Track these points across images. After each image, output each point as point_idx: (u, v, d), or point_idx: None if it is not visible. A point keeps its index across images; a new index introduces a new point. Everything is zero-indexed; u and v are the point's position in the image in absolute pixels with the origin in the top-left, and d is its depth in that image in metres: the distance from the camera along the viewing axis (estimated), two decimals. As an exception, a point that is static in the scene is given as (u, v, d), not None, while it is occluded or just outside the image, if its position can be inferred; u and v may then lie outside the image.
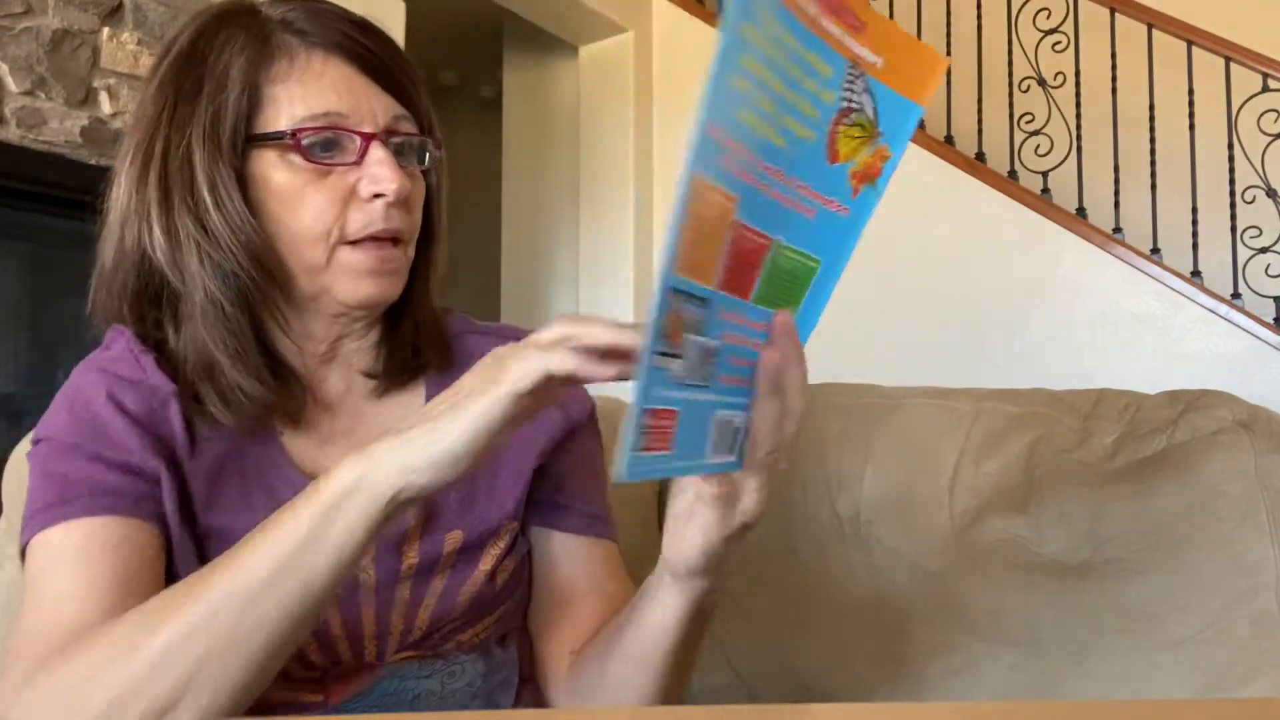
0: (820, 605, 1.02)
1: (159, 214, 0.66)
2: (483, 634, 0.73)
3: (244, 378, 0.66)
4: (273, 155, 0.65)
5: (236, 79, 0.65)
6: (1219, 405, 0.96)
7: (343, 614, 0.67)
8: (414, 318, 0.74)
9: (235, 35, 0.67)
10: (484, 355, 0.73)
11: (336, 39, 0.67)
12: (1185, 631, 0.89)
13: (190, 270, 0.65)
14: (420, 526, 0.70)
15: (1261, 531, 0.89)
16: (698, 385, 0.46)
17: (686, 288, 0.43)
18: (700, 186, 0.41)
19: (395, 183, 0.65)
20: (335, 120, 0.65)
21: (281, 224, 0.66)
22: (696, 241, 0.42)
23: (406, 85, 0.69)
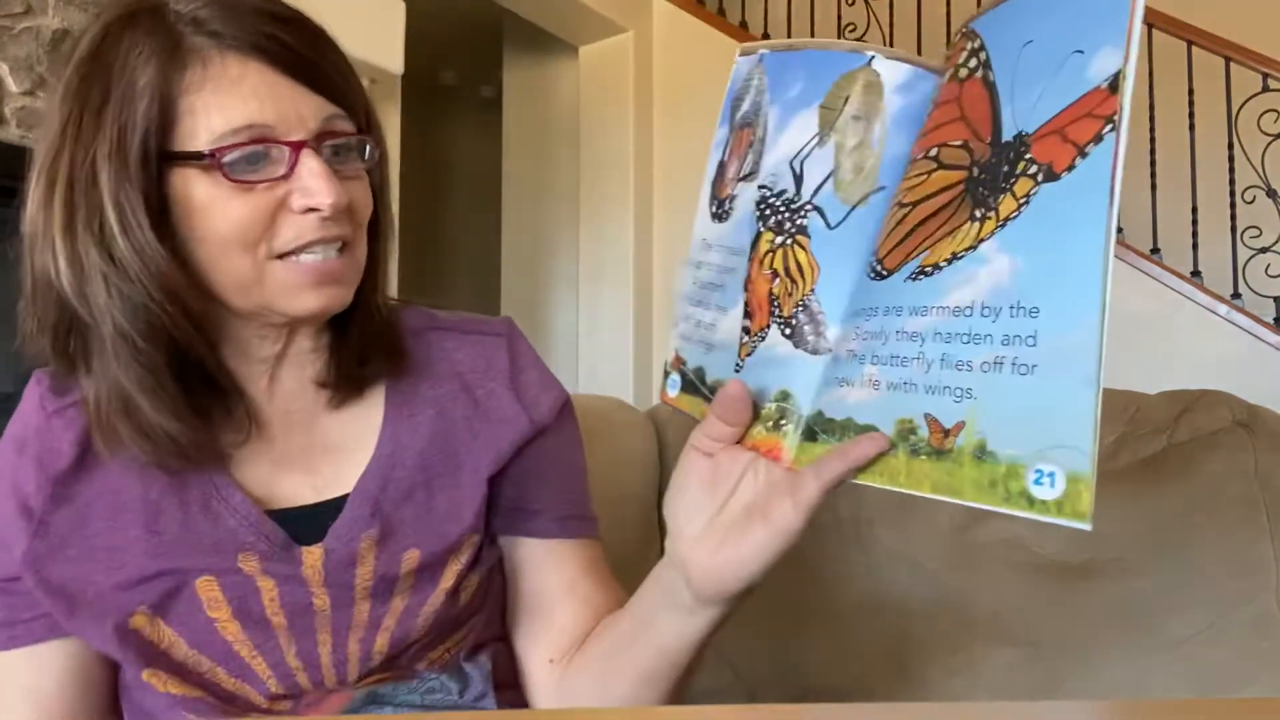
0: (820, 605, 1.02)
1: (63, 241, 0.59)
2: (453, 650, 0.71)
3: (161, 416, 0.61)
4: (193, 172, 0.59)
5: (144, 90, 0.58)
6: (1219, 405, 0.96)
7: (296, 642, 0.65)
8: (359, 322, 0.68)
9: (141, 39, 0.59)
10: (448, 354, 0.72)
11: (254, 39, 0.59)
12: (1185, 632, 0.89)
13: (98, 303, 0.59)
14: (374, 545, 0.66)
15: (1261, 531, 0.89)
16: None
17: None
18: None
19: (330, 196, 0.59)
20: (260, 132, 0.59)
21: (206, 242, 0.60)
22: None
23: (338, 81, 0.63)
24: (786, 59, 0.54)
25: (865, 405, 0.45)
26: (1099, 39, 0.38)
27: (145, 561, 0.64)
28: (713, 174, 0.58)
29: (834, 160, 0.50)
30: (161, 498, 0.65)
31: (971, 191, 0.42)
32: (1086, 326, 0.37)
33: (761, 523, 0.51)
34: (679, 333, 0.58)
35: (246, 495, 0.66)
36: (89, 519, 0.65)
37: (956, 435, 0.41)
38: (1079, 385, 0.37)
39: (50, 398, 0.66)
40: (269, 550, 0.65)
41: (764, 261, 0.52)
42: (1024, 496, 0.38)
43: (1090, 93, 0.38)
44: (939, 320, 0.42)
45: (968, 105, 0.44)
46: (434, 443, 0.69)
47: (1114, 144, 0.37)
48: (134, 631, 0.63)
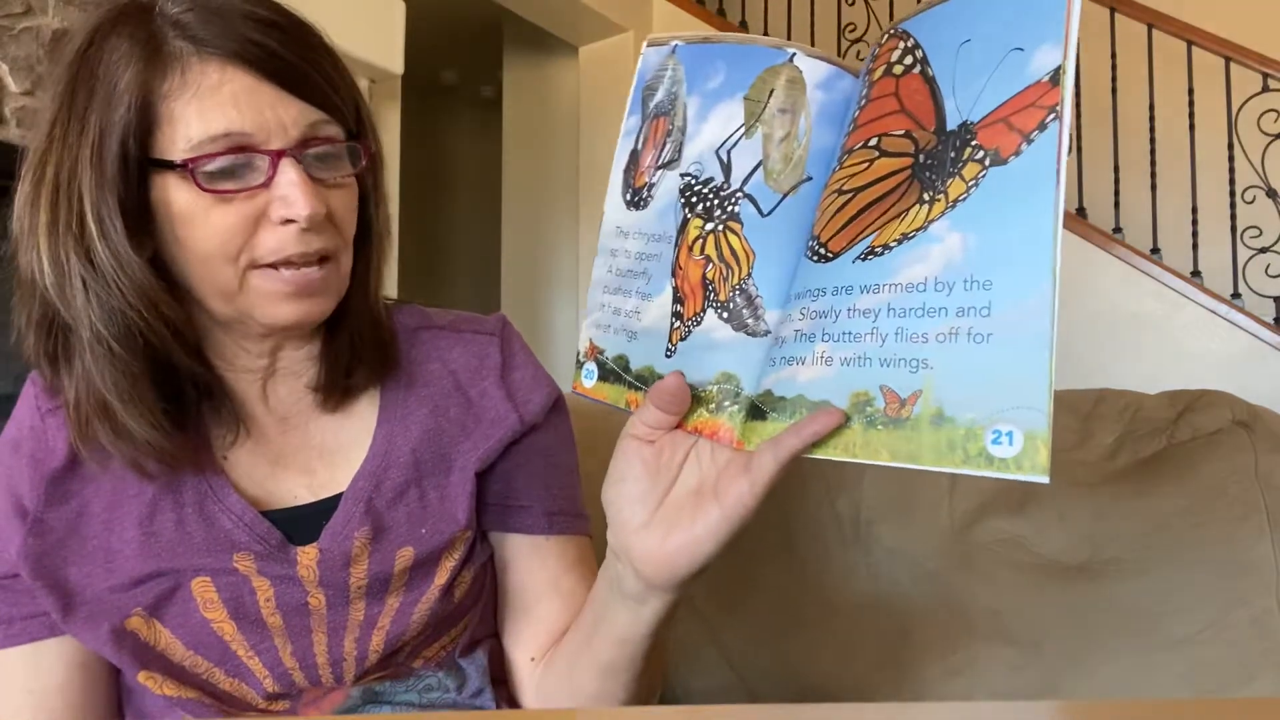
0: (820, 605, 1.02)
1: (46, 241, 0.59)
2: (449, 647, 0.71)
3: (135, 422, 0.61)
4: (173, 179, 0.59)
5: (124, 94, 0.58)
6: (1219, 405, 0.96)
7: (292, 642, 0.65)
8: (350, 329, 0.68)
9: (124, 41, 0.59)
10: (442, 354, 0.72)
11: (235, 46, 0.59)
12: (1185, 631, 0.89)
13: (76, 304, 0.59)
14: (368, 545, 0.67)
15: (1261, 531, 0.89)
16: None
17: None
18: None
19: (308, 208, 0.59)
20: (238, 140, 0.58)
21: (188, 249, 0.60)
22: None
23: (324, 86, 0.62)
24: (703, 51, 0.55)
25: (817, 382, 0.47)
26: (1038, 37, 0.41)
27: (140, 562, 0.64)
28: (624, 162, 0.58)
29: (762, 150, 0.52)
30: (157, 498, 0.65)
31: (918, 176, 0.45)
32: (1039, 293, 0.40)
33: (714, 503, 0.51)
34: (593, 321, 0.59)
35: (242, 495, 0.66)
36: (85, 519, 0.65)
37: (913, 404, 0.43)
38: (1034, 348, 0.40)
39: (45, 398, 0.66)
40: (264, 550, 0.65)
41: (694, 247, 0.53)
42: (983, 456, 0.41)
43: (1033, 85, 0.41)
44: (892, 296, 0.44)
45: (907, 98, 0.46)
46: (427, 441, 0.69)
47: (1058, 131, 0.40)
48: (130, 634, 0.64)
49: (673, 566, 0.53)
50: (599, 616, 0.61)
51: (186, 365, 0.63)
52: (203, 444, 0.67)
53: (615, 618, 0.59)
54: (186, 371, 0.63)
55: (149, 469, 0.64)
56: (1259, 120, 3.33)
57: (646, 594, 0.56)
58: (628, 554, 0.54)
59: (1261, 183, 3.36)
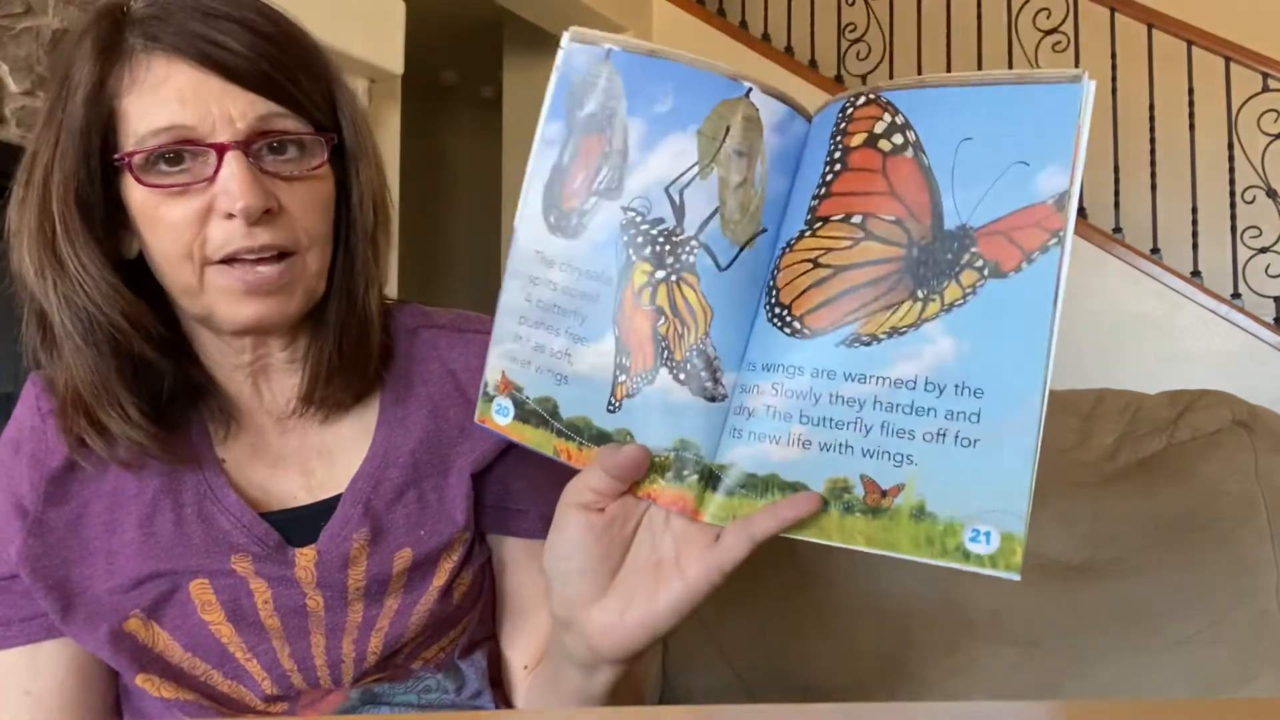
0: (820, 605, 1.02)
1: (27, 240, 0.61)
2: (448, 648, 0.70)
3: (108, 416, 0.61)
4: (128, 175, 0.59)
5: (80, 92, 0.59)
6: (1219, 405, 0.96)
7: (290, 644, 0.65)
8: (332, 331, 0.66)
9: (88, 42, 0.60)
10: (441, 353, 0.71)
11: (181, 41, 0.58)
12: (1185, 631, 0.89)
13: (50, 301, 0.60)
14: (366, 546, 0.66)
15: (1261, 531, 0.89)
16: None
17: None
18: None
19: (243, 199, 0.57)
20: (180, 134, 0.58)
21: (151, 247, 0.61)
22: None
23: (281, 79, 0.60)
24: (646, 65, 0.50)
25: (792, 463, 0.46)
26: (1045, 156, 0.42)
27: (140, 563, 0.64)
28: (545, 175, 0.52)
29: (718, 196, 0.48)
30: (157, 498, 0.65)
31: (911, 271, 0.45)
32: (1028, 410, 0.42)
33: (677, 579, 0.48)
34: (506, 353, 0.53)
35: (241, 497, 0.66)
36: (85, 520, 0.65)
37: (895, 496, 0.44)
38: (1019, 460, 0.42)
39: (45, 398, 0.66)
40: (262, 552, 0.65)
41: (642, 295, 0.49)
42: (960, 551, 0.43)
43: (1037, 205, 0.42)
44: (879, 389, 0.45)
45: (898, 182, 0.45)
46: (425, 442, 0.69)
47: (1059, 255, 0.42)
48: (129, 636, 0.63)
49: (631, 640, 0.50)
50: (556, 670, 0.59)
51: (162, 363, 0.63)
52: (200, 443, 0.67)
53: (570, 679, 0.57)
54: (164, 368, 0.63)
55: (130, 463, 0.64)
56: (1259, 120, 3.33)
57: (599, 664, 0.54)
58: (579, 628, 0.52)
59: (1261, 183, 3.36)
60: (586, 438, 0.50)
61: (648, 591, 0.49)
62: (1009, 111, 0.43)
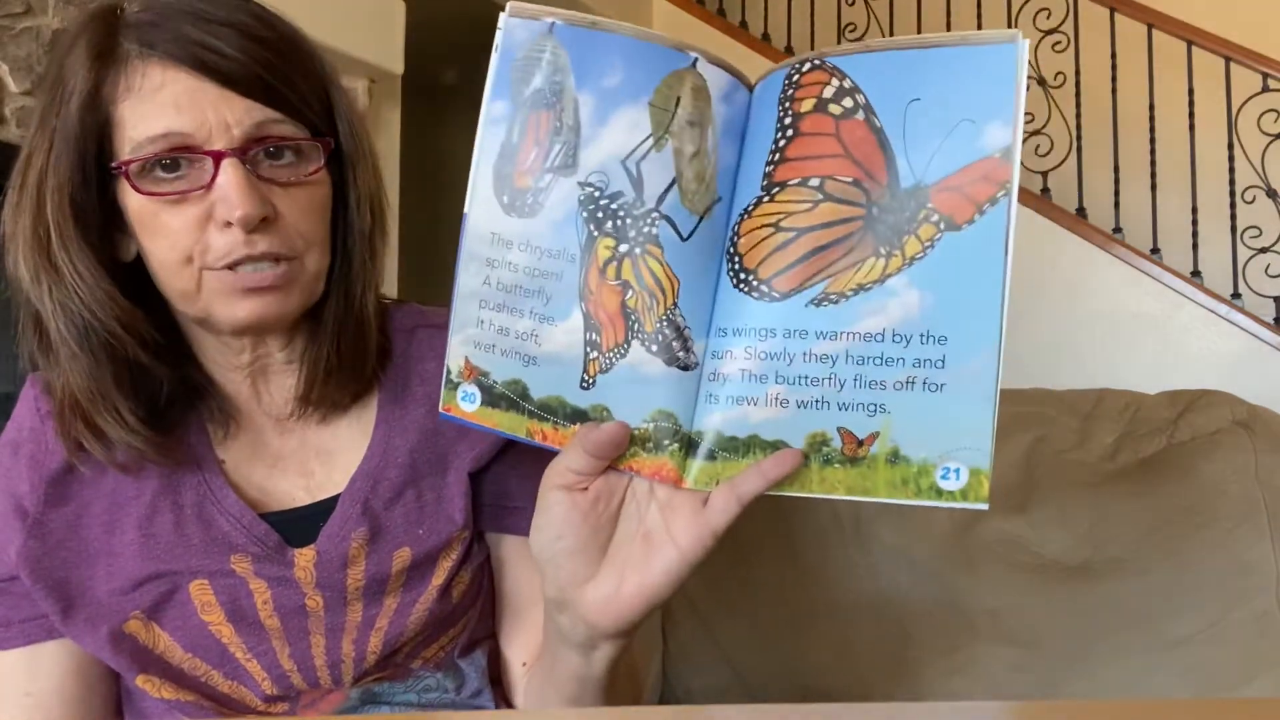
0: (820, 605, 1.02)
1: (22, 245, 0.60)
2: (448, 647, 0.70)
3: (104, 421, 0.61)
4: (125, 182, 0.59)
5: (75, 99, 0.58)
6: (1219, 405, 0.96)
7: (290, 644, 0.65)
8: (330, 332, 0.66)
9: (82, 47, 0.59)
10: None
11: (176, 48, 0.58)
12: (1185, 631, 0.89)
13: (46, 308, 0.60)
14: (365, 546, 0.66)
15: (1261, 531, 0.89)
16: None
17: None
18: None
19: (241, 208, 0.57)
20: (177, 140, 0.57)
21: (149, 253, 0.61)
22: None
23: (277, 85, 0.60)
24: (591, 39, 0.50)
25: (772, 422, 0.48)
26: (988, 112, 0.44)
27: (140, 564, 0.64)
28: (493, 155, 0.52)
29: (674, 167, 0.49)
30: (157, 499, 0.65)
31: (871, 228, 0.47)
32: (988, 352, 0.45)
33: (670, 547, 0.49)
34: (468, 339, 0.53)
35: (240, 497, 0.66)
36: (85, 521, 0.65)
37: (870, 445, 0.47)
38: (981, 399, 0.45)
39: (44, 400, 0.66)
40: (261, 552, 0.65)
41: (606, 270, 0.49)
42: (933, 489, 0.46)
43: (984, 159, 0.45)
44: (850, 344, 0.47)
45: (853, 145, 0.47)
46: (424, 442, 0.69)
47: (1007, 205, 0.44)
48: (129, 637, 0.63)
49: (629, 613, 0.51)
50: (553, 658, 0.59)
51: (158, 367, 0.63)
52: (199, 444, 0.67)
53: (568, 662, 0.57)
54: (160, 373, 0.63)
55: (129, 467, 0.64)
56: (1259, 120, 3.32)
57: (597, 641, 0.54)
58: (575, 607, 0.52)
59: (1261, 183, 3.36)
60: (561, 417, 0.51)
61: (641, 562, 0.50)
62: (952, 72, 0.45)
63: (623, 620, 0.51)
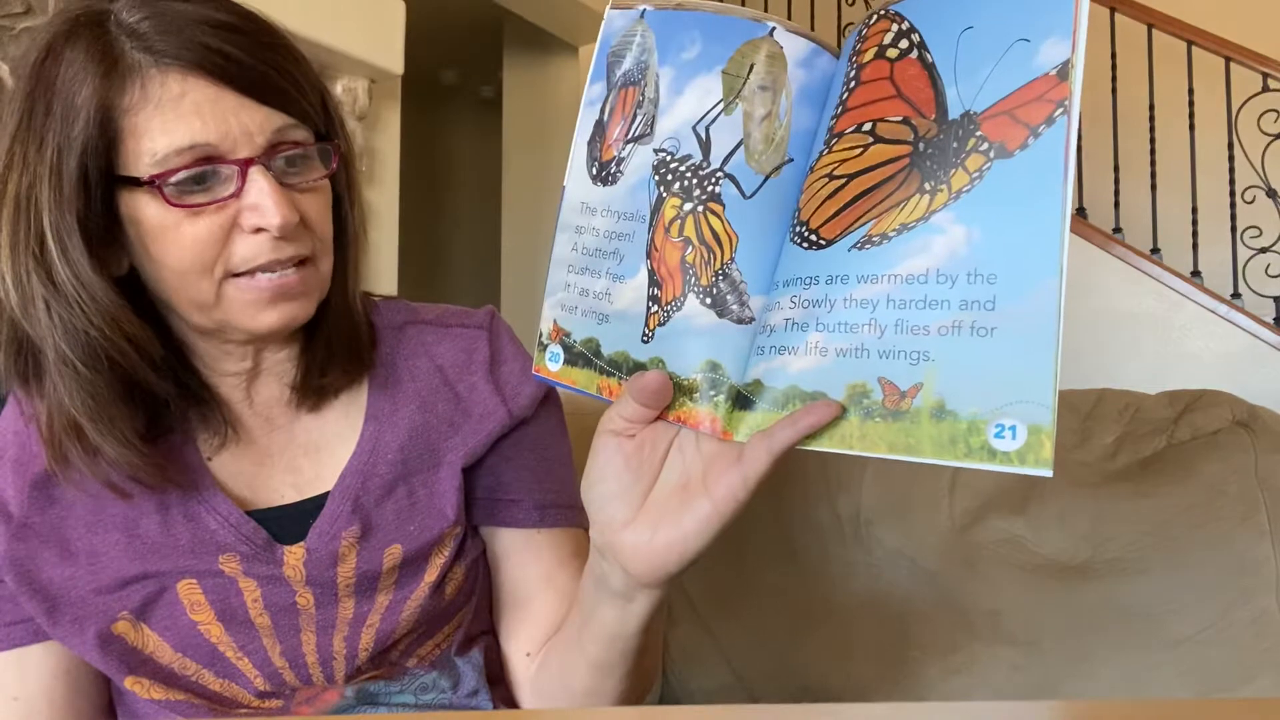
0: (820, 605, 1.02)
1: (9, 261, 0.58)
2: (444, 644, 0.71)
3: (105, 441, 0.60)
4: (141, 195, 0.58)
5: (82, 110, 0.57)
6: (1219, 405, 0.96)
7: (281, 642, 0.65)
8: (328, 329, 0.67)
9: (79, 54, 0.58)
10: (429, 349, 0.71)
11: (194, 55, 0.57)
12: (1185, 631, 0.89)
13: (41, 325, 0.58)
14: (356, 543, 0.66)
15: (1261, 531, 0.89)
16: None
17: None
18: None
19: (279, 216, 0.58)
20: (204, 151, 0.57)
21: (161, 264, 0.60)
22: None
23: (290, 90, 0.61)
24: (675, 18, 0.52)
25: (811, 372, 0.46)
26: (1045, 29, 0.40)
27: (126, 564, 0.64)
28: (589, 133, 0.56)
29: (743, 129, 0.50)
30: (143, 500, 0.64)
31: (918, 165, 0.44)
32: (1046, 291, 0.40)
33: (704, 497, 0.49)
34: (557, 302, 0.56)
35: (228, 496, 0.66)
36: (69, 522, 0.64)
37: (913, 397, 0.42)
38: (1040, 343, 0.40)
39: (28, 403, 0.65)
40: (250, 551, 0.65)
41: (671, 228, 0.51)
42: (985, 449, 0.40)
43: (1040, 78, 0.41)
44: (892, 287, 0.43)
45: (904, 83, 0.45)
46: (414, 438, 0.69)
47: (1065, 125, 0.40)
48: (117, 638, 0.63)
49: (662, 563, 0.51)
50: (587, 614, 0.59)
51: (157, 381, 0.62)
52: (187, 445, 0.66)
53: (603, 616, 0.57)
54: (159, 387, 0.63)
55: (124, 488, 0.63)
56: (1259, 120, 3.33)
57: (634, 591, 0.54)
58: (614, 552, 0.52)
59: (1261, 183, 3.36)
60: (625, 371, 0.52)
61: (676, 512, 0.50)
62: None
63: (657, 569, 0.51)
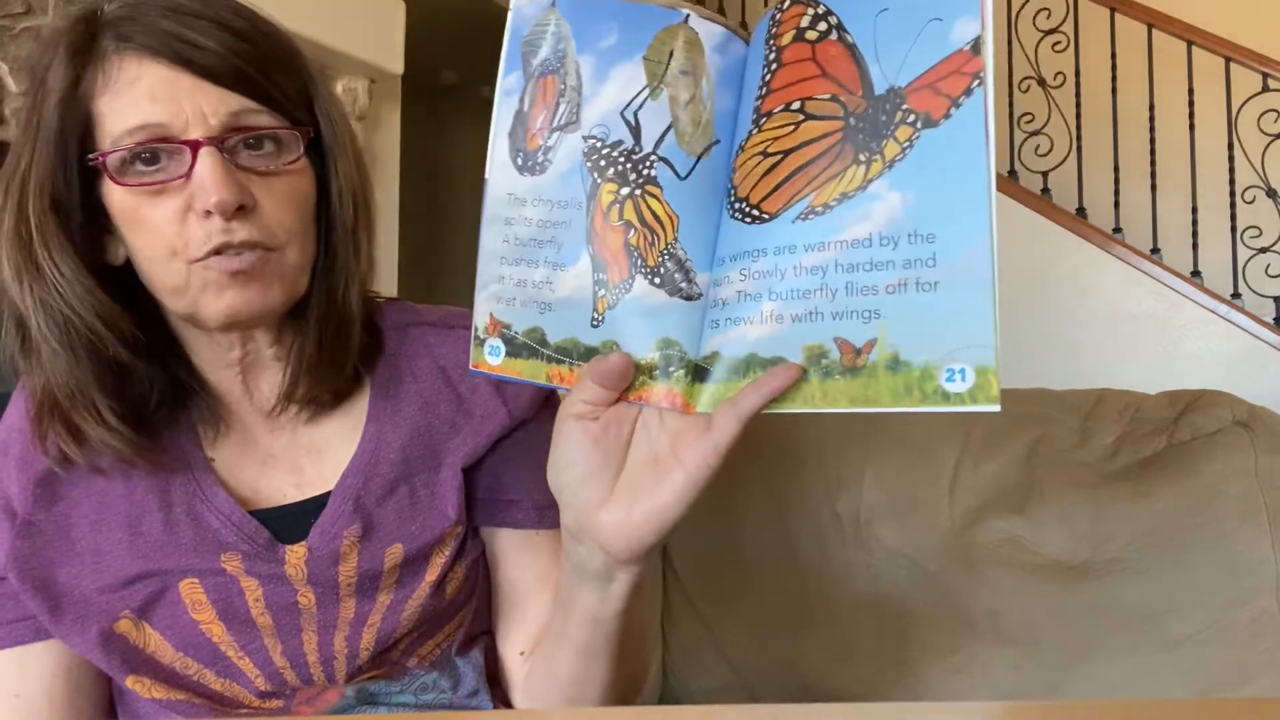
0: (820, 605, 1.02)
1: (8, 240, 0.60)
2: (444, 644, 0.71)
3: (84, 421, 0.61)
4: (107, 178, 0.59)
5: (54, 96, 0.59)
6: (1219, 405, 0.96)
7: (282, 641, 0.65)
8: (313, 327, 0.66)
9: (62, 46, 0.60)
10: (431, 349, 0.71)
11: (151, 39, 0.58)
12: (1185, 632, 0.89)
13: (27, 307, 0.60)
14: (357, 542, 0.66)
15: (1261, 531, 0.89)
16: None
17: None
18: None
19: (217, 194, 0.57)
20: (154, 132, 0.58)
21: (136, 249, 0.61)
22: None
23: (253, 75, 0.60)
24: (589, 6, 0.54)
25: (769, 339, 0.48)
26: (955, 9, 0.44)
27: (129, 563, 0.64)
28: (509, 124, 0.56)
29: (670, 113, 0.52)
30: (145, 499, 0.65)
31: (851, 138, 0.47)
32: (979, 244, 0.43)
33: (678, 468, 0.49)
34: (491, 295, 0.56)
35: (230, 495, 0.66)
36: (74, 520, 0.65)
37: (869, 352, 0.46)
38: (978, 291, 0.43)
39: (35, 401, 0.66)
40: (252, 550, 0.65)
41: (610, 213, 0.52)
42: (939, 394, 0.44)
43: (955, 54, 0.44)
44: (839, 253, 0.47)
45: (828, 63, 0.48)
46: (416, 438, 0.69)
47: (983, 95, 0.44)
48: (119, 637, 0.63)
49: (640, 537, 0.51)
50: (569, 601, 0.60)
51: (141, 366, 0.63)
52: (189, 443, 0.66)
53: (585, 601, 0.58)
54: (145, 372, 0.63)
55: (109, 471, 0.63)
56: (1259, 120, 3.32)
57: (613, 570, 0.55)
58: (592, 533, 0.53)
59: (1261, 183, 3.36)
60: (576, 357, 0.53)
61: (650, 486, 0.50)
62: None
63: (635, 543, 0.52)
